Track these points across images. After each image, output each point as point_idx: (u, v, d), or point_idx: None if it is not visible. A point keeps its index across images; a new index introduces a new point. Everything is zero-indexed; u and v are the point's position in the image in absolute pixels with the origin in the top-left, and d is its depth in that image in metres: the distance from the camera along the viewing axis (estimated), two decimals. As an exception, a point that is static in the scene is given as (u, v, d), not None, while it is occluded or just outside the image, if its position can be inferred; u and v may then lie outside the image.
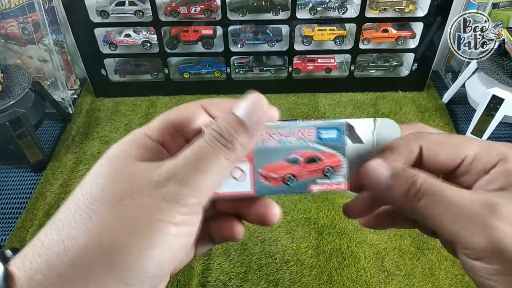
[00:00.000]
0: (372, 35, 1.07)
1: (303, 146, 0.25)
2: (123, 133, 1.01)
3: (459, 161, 0.25)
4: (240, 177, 0.25)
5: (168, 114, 0.26)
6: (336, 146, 0.25)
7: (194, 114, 0.26)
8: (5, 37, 1.00)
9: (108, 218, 0.20)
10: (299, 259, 0.74)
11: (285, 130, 0.24)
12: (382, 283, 0.70)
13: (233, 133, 0.22)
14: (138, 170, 0.22)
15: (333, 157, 0.25)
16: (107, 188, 0.21)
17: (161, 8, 1.02)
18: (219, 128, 0.22)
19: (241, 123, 0.23)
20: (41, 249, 0.21)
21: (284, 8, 1.02)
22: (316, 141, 0.25)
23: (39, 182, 0.90)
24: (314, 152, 0.25)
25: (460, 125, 1.04)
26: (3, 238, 0.80)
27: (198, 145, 0.22)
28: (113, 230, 0.20)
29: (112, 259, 0.20)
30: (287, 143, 0.25)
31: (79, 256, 0.20)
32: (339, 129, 0.25)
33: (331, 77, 1.15)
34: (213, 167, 0.22)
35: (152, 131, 0.25)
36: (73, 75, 1.15)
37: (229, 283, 0.70)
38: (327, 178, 0.26)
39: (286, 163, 0.25)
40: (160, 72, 1.12)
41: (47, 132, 1.04)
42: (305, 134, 0.25)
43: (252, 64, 1.12)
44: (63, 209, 0.22)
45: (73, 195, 0.22)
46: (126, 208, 0.20)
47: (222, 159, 0.22)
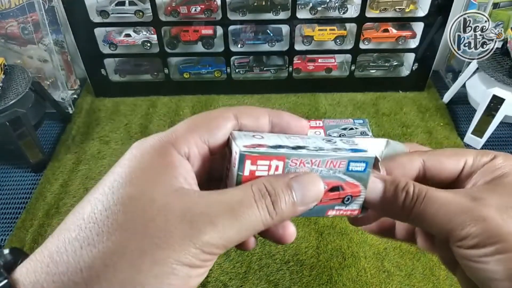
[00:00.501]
0: (372, 35, 1.07)
1: (331, 175, 0.25)
2: (123, 133, 1.01)
3: (461, 166, 0.26)
4: None
5: (196, 121, 0.24)
6: (361, 178, 0.26)
7: (225, 124, 0.24)
8: (5, 37, 1.00)
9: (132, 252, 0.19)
10: (299, 259, 0.74)
11: (319, 159, 0.24)
12: (383, 283, 0.70)
13: (282, 202, 0.22)
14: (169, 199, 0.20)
15: (355, 187, 0.26)
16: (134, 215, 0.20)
17: (161, 8, 1.02)
18: (272, 189, 0.22)
19: (293, 197, 0.22)
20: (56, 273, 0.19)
21: (285, 8, 1.02)
22: (344, 172, 0.25)
23: (39, 182, 0.90)
24: (339, 182, 0.25)
25: (460, 125, 1.04)
26: (3, 238, 0.80)
27: (244, 195, 0.21)
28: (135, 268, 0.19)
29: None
30: (317, 172, 0.25)
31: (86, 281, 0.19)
32: (367, 163, 0.26)
33: (332, 77, 1.14)
34: (247, 224, 0.21)
35: (180, 142, 0.23)
36: (73, 75, 1.15)
37: (229, 283, 0.70)
38: (344, 205, 0.26)
39: None
40: (160, 72, 1.12)
41: (47, 132, 1.04)
42: (336, 165, 0.25)
43: (252, 64, 1.12)
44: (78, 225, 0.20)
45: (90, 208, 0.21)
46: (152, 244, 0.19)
47: (259, 220, 0.21)
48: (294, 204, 0.23)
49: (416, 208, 0.24)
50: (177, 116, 1.06)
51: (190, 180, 0.23)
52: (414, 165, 0.27)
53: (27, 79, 0.91)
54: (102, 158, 0.94)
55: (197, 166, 0.24)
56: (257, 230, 0.22)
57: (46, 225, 0.80)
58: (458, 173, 0.26)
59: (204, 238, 0.20)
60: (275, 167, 0.24)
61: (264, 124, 0.25)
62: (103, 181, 0.22)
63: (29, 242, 0.77)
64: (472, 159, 0.26)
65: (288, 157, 0.24)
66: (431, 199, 0.24)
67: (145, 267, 0.19)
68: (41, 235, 0.79)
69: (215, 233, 0.20)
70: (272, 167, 0.23)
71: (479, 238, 0.22)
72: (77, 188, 0.88)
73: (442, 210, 0.23)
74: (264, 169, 0.23)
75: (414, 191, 0.25)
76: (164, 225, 0.20)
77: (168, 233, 0.20)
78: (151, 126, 1.04)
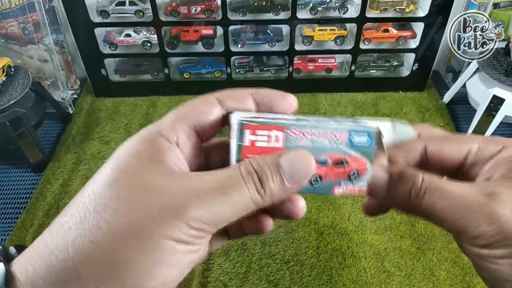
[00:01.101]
0: (372, 35, 1.07)
1: (334, 148, 0.25)
2: (123, 133, 1.01)
3: (464, 154, 0.25)
4: None
5: (182, 110, 0.24)
6: (365, 151, 0.25)
7: (210, 109, 0.24)
8: (5, 37, 1.00)
9: (117, 230, 0.20)
10: (299, 259, 0.74)
11: (319, 130, 0.24)
12: (383, 283, 0.70)
13: (270, 180, 0.22)
14: (156, 180, 0.21)
15: (360, 162, 0.25)
16: (121, 196, 0.20)
17: (161, 8, 1.02)
18: (259, 168, 0.22)
19: (281, 175, 0.22)
20: (45, 253, 0.20)
21: (285, 8, 1.02)
22: (347, 144, 0.25)
23: (39, 182, 0.90)
24: (343, 155, 0.25)
25: (460, 126, 1.04)
26: (3, 238, 0.80)
27: (232, 173, 0.22)
28: (121, 244, 0.19)
29: (118, 274, 0.19)
30: (318, 144, 0.24)
31: (84, 266, 0.19)
32: (371, 136, 0.25)
33: (332, 77, 1.14)
34: (236, 201, 0.21)
35: (167, 130, 0.23)
36: (73, 75, 1.15)
37: (229, 284, 0.70)
38: (350, 181, 0.26)
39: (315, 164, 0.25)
40: (160, 72, 1.12)
41: (47, 132, 1.04)
42: (338, 136, 0.24)
43: (253, 64, 1.12)
44: (70, 210, 0.21)
45: (81, 195, 0.21)
46: (138, 221, 0.20)
47: (248, 198, 0.21)
48: (283, 182, 0.22)
49: (425, 202, 0.23)
50: (177, 116, 1.06)
51: (181, 165, 0.23)
52: (417, 150, 0.26)
53: (27, 79, 0.91)
54: (102, 158, 0.94)
55: (189, 153, 0.24)
56: (249, 208, 0.22)
57: (46, 225, 0.80)
58: (461, 161, 0.25)
59: (191, 212, 0.20)
60: (275, 137, 0.23)
61: (249, 104, 0.25)
62: (98, 171, 0.23)
63: (29, 242, 0.77)
64: (477, 147, 0.25)
65: (288, 127, 0.23)
66: (442, 192, 0.23)
67: (132, 243, 0.19)
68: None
69: (203, 208, 0.20)
70: (272, 137, 0.23)
71: (494, 239, 0.21)
72: (77, 188, 0.88)
73: (454, 204, 0.22)
74: (264, 139, 0.23)
75: (423, 183, 0.23)
76: (151, 202, 0.20)
77: (154, 210, 0.20)
78: (151, 126, 1.04)
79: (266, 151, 0.23)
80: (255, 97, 0.25)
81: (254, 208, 0.22)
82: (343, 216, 0.81)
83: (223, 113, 0.25)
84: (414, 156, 0.26)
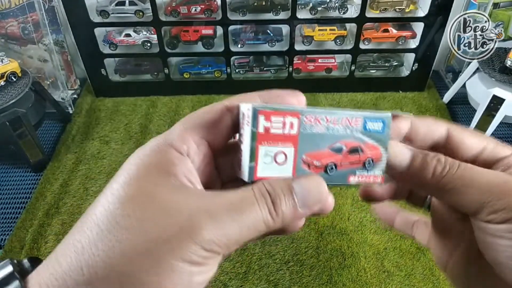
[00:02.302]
0: (372, 35, 1.07)
1: (349, 135, 0.24)
2: (123, 133, 1.01)
3: (482, 147, 0.26)
4: (283, 162, 0.24)
5: (191, 120, 0.24)
6: (380, 138, 0.25)
7: (219, 117, 0.24)
8: (5, 37, 1.00)
9: (131, 250, 0.20)
10: (299, 259, 0.74)
11: (334, 117, 0.24)
12: (383, 283, 0.70)
13: (283, 204, 0.22)
14: (168, 197, 0.21)
15: (375, 150, 0.25)
16: (133, 214, 0.20)
17: (161, 8, 1.02)
18: (272, 190, 0.22)
19: (294, 199, 0.22)
20: (59, 272, 0.20)
21: (285, 8, 1.02)
22: (361, 131, 0.24)
23: (39, 182, 0.90)
24: (358, 142, 0.25)
25: (461, 125, 1.04)
26: (3, 238, 0.80)
27: (246, 194, 0.22)
28: (135, 266, 0.19)
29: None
30: (333, 131, 0.24)
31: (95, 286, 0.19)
32: (384, 122, 0.25)
33: (332, 77, 1.14)
34: (248, 222, 0.21)
35: (177, 141, 0.23)
36: (73, 75, 1.15)
37: (229, 284, 0.70)
38: (365, 170, 0.25)
39: (330, 151, 0.24)
40: (160, 72, 1.12)
41: (47, 132, 1.04)
42: (352, 123, 0.24)
43: (253, 64, 1.12)
44: (81, 227, 0.21)
45: (92, 212, 0.21)
46: (151, 242, 0.20)
47: (261, 220, 0.21)
48: (295, 206, 0.22)
49: (448, 177, 0.23)
50: (177, 116, 1.06)
51: (191, 178, 0.23)
52: (440, 130, 0.26)
53: (27, 79, 0.91)
54: (102, 158, 0.94)
55: (199, 163, 0.24)
56: (260, 230, 0.22)
57: (46, 225, 0.80)
58: (477, 153, 0.26)
59: (204, 234, 0.20)
60: (289, 124, 0.23)
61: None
62: (108, 185, 0.22)
63: (29, 242, 0.77)
64: (493, 146, 0.26)
65: (302, 113, 0.23)
66: (466, 168, 0.23)
67: (145, 265, 0.19)
68: (41, 235, 0.79)
69: (216, 230, 0.20)
70: (287, 124, 0.23)
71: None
72: (77, 188, 0.88)
73: (478, 179, 0.23)
74: (278, 126, 0.23)
75: (447, 160, 0.24)
76: (163, 223, 0.20)
77: (167, 230, 0.20)
78: (151, 126, 1.04)
79: (281, 138, 0.23)
80: (263, 99, 0.25)
81: (264, 231, 0.22)
82: (343, 216, 0.80)
83: (233, 120, 0.24)
84: (435, 136, 0.26)
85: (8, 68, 0.88)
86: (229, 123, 0.24)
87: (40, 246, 0.77)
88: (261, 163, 0.23)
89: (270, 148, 0.23)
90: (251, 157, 0.23)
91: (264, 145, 0.23)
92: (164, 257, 0.20)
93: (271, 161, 0.23)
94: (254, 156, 0.23)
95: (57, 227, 0.80)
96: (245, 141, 0.23)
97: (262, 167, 0.23)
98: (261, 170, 0.23)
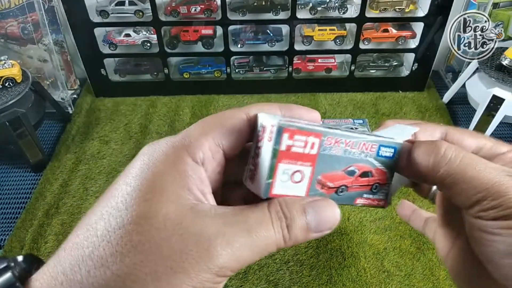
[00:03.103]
0: (372, 35, 1.07)
1: (363, 159, 0.25)
2: (123, 133, 1.01)
3: (481, 146, 0.26)
4: (299, 181, 0.24)
5: (210, 124, 0.23)
6: (389, 164, 0.26)
7: (240, 126, 0.23)
8: (5, 37, 1.00)
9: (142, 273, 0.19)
10: (299, 259, 0.74)
11: (352, 141, 0.24)
12: (382, 283, 0.70)
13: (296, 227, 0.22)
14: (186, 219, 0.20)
15: (383, 175, 0.26)
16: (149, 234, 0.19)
17: (161, 8, 1.02)
18: (288, 213, 0.22)
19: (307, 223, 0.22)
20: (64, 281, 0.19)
21: (284, 8, 1.02)
22: (374, 156, 0.25)
23: (39, 182, 0.90)
24: (370, 167, 0.25)
25: (460, 125, 1.04)
26: (3, 238, 0.80)
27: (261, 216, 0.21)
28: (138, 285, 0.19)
29: None
30: (350, 154, 0.24)
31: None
32: (395, 149, 0.25)
33: (331, 77, 1.14)
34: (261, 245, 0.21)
35: (194, 147, 0.22)
36: (73, 75, 1.15)
37: (229, 283, 0.70)
38: (371, 193, 0.26)
39: (344, 174, 0.25)
40: (160, 72, 1.12)
41: (47, 132, 1.04)
42: (369, 148, 0.25)
43: (252, 64, 1.12)
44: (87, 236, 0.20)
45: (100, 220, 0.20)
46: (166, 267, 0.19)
47: (273, 241, 0.21)
48: (307, 231, 0.22)
49: (450, 165, 0.23)
50: (177, 116, 1.06)
51: (205, 190, 0.22)
52: (436, 134, 0.27)
53: (27, 79, 0.91)
54: (102, 158, 0.94)
55: (211, 171, 0.23)
56: (270, 251, 0.22)
57: (46, 225, 0.80)
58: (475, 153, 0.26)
59: (219, 261, 0.20)
60: (311, 144, 0.23)
61: None
62: (115, 190, 0.21)
63: (29, 242, 0.77)
64: (491, 144, 0.26)
65: (324, 135, 0.23)
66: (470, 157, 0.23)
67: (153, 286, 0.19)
68: (41, 235, 0.79)
69: (231, 255, 0.20)
70: (309, 143, 0.23)
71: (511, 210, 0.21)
72: (77, 188, 0.88)
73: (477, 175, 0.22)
74: (300, 145, 0.22)
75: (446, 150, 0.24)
76: (179, 247, 0.19)
77: (183, 256, 0.19)
78: (151, 126, 1.04)
79: (300, 157, 0.23)
80: (283, 112, 0.25)
81: (274, 251, 0.22)
82: (343, 216, 0.81)
83: (252, 130, 0.24)
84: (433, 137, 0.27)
85: (6, 73, 0.87)
86: (248, 133, 0.23)
87: (40, 246, 0.77)
88: (278, 181, 0.23)
89: (289, 166, 0.23)
90: (269, 174, 0.22)
91: (283, 163, 0.22)
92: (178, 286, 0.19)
93: (287, 179, 0.23)
94: (273, 174, 0.22)
95: (57, 227, 0.80)
96: (264, 157, 0.22)
97: (279, 185, 0.23)
98: (277, 188, 0.23)
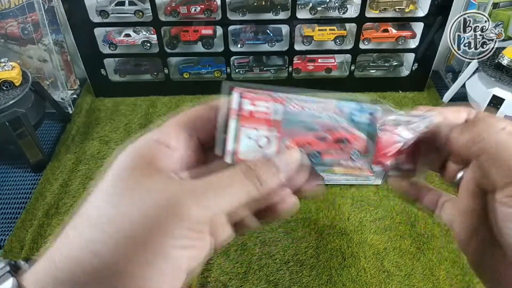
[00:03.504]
0: (372, 35, 1.07)
1: (334, 124, 0.24)
2: (123, 133, 1.01)
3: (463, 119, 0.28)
4: (265, 146, 0.24)
5: (181, 117, 0.25)
6: (367, 130, 0.25)
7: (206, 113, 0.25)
8: (5, 37, 1.00)
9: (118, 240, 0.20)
10: (299, 259, 0.74)
11: (320, 105, 0.24)
12: (382, 283, 0.70)
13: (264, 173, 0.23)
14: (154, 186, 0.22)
15: (361, 141, 0.25)
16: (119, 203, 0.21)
17: (161, 8, 1.02)
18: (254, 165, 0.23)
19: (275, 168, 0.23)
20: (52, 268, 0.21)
21: (284, 8, 1.02)
22: (348, 121, 0.24)
23: (39, 182, 0.90)
24: (344, 133, 0.24)
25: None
26: (3, 238, 0.80)
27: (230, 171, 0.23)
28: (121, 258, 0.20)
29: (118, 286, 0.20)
30: (318, 119, 0.24)
31: (86, 281, 0.20)
32: (372, 114, 0.25)
33: (332, 77, 1.14)
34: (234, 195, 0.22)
35: (165, 136, 0.24)
36: (73, 75, 1.15)
37: (229, 284, 0.70)
38: (351, 160, 0.25)
39: (314, 139, 0.24)
40: (160, 72, 1.12)
41: (47, 132, 1.04)
42: (339, 112, 0.24)
43: (252, 64, 1.12)
44: (73, 223, 0.22)
45: (84, 210, 0.22)
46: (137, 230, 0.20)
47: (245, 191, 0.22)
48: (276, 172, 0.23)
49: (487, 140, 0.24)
50: (177, 116, 1.06)
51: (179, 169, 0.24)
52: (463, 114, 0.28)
53: (27, 79, 0.91)
54: (102, 158, 0.94)
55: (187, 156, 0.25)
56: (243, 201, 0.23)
57: (46, 225, 0.80)
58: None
59: (190, 213, 0.20)
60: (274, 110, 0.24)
61: None
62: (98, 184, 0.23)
63: (29, 242, 0.77)
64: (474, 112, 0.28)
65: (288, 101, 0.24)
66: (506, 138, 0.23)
67: (132, 254, 0.20)
68: (41, 235, 0.78)
69: (201, 207, 0.21)
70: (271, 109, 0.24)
71: None
72: (77, 188, 0.88)
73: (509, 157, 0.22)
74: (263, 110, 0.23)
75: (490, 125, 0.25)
76: (152, 211, 0.21)
77: (157, 218, 0.20)
78: (151, 126, 1.04)
79: (265, 123, 0.23)
80: None
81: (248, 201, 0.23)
82: (343, 216, 0.81)
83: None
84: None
85: (5, 75, 0.86)
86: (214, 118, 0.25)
87: (40, 246, 0.77)
88: (243, 145, 0.23)
89: (253, 132, 0.23)
90: (233, 139, 0.23)
91: (246, 128, 0.23)
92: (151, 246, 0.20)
93: (253, 144, 0.24)
94: (236, 138, 0.23)
95: (57, 227, 0.80)
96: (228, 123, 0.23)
97: (244, 150, 0.23)
98: (243, 153, 0.23)
